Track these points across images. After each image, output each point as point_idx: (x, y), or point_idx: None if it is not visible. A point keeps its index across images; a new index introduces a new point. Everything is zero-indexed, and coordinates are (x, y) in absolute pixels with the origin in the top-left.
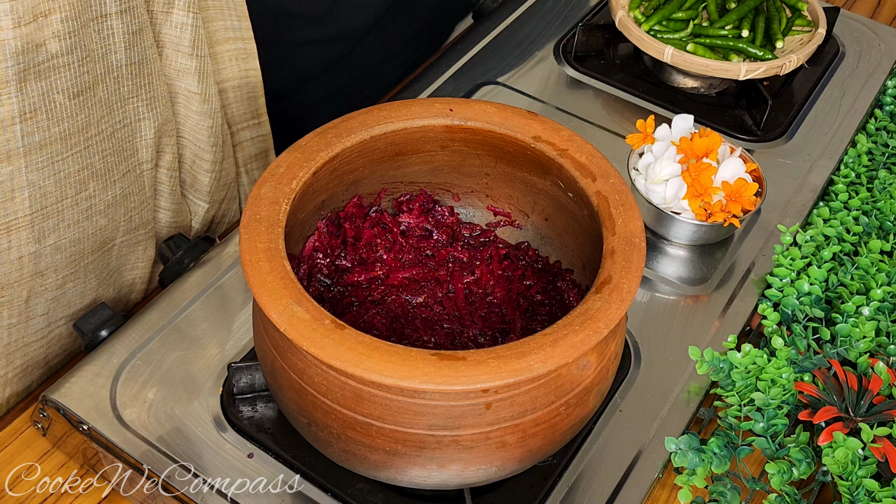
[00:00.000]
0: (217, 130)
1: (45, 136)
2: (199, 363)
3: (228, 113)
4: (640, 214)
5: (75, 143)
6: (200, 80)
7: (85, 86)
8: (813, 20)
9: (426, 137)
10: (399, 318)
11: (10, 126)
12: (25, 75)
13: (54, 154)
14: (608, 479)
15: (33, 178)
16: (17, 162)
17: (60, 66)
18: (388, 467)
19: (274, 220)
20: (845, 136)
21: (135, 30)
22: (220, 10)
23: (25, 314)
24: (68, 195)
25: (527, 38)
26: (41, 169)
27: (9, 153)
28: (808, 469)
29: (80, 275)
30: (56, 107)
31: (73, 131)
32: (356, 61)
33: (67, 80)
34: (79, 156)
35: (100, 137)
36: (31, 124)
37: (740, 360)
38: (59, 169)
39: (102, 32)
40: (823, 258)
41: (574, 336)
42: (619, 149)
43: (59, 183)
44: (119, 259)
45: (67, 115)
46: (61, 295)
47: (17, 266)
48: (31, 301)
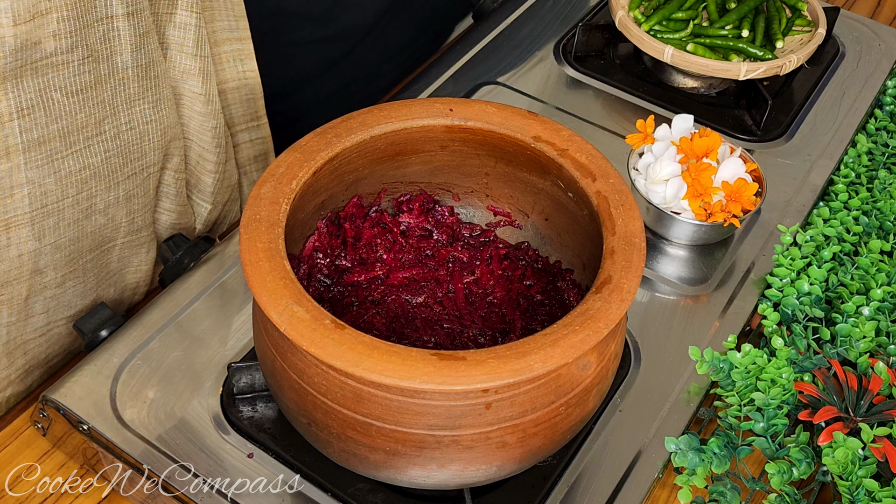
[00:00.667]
0: (220, 131)
1: (43, 132)
2: (199, 363)
3: (227, 115)
4: (640, 214)
5: (75, 141)
6: (204, 80)
7: (84, 85)
8: (813, 20)
9: (426, 137)
10: (399, 318)
11: (8, 122)
12: (22, 72)
13: (53, 152)
14: (608, 479)
15: (32, 176)
16: (16, 158)
17: (59, 65)
18: (388, 467)
19: (274, 220)
20: (845, 136)
21: (142, 32)
22: (219, 10)
23: (25, 312)
24: (69, 194)
25: (527, 38)
26: (41, 166)
27: (7, 149)
28: (808, 469)
29: (78, 274)
30: (53, 104)
31: (71, 129)
32: (356, 61)
33: (65, 77)
34: (79, 154)
35: (102, 138)
36: (28, 120)
37: (740, 360)
38: (58, 167)
39: (108, 34)
40: (823, 258)
41: (574, 336)
42: (619, 149)
43: (59, 181)
44: (121, 261)
45: (66, 113)
46: (61, 294)
47: (17, 264)
48: (31, 299)
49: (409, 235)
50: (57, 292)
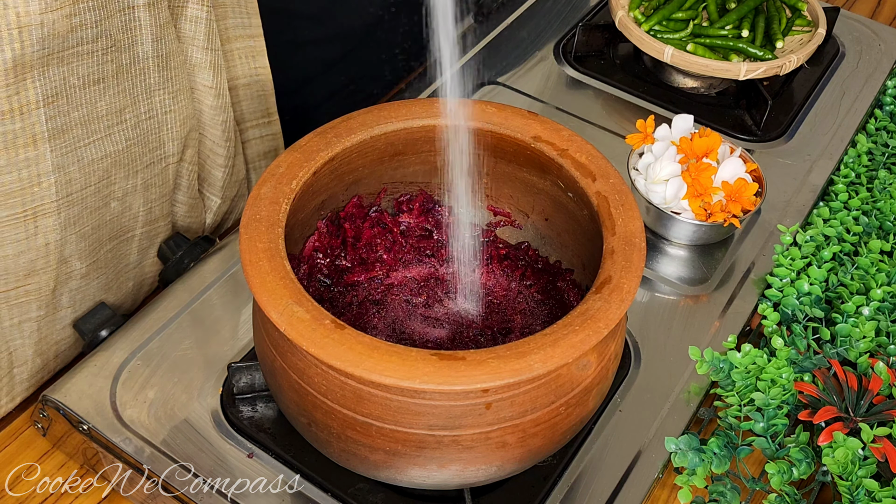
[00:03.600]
0: (230, 125)
1: (65, 120)
2: (199, 363)
3: (238, 111)
4: (640, 214)
5: (96, 129)
6: (215, 74)
7: (106, 74)
8: (813, 20)
9: (426, 137)
10: (399, 318)
11: (35, 110)
12: (48, 60)
13: (76, 139)
14: (608, 479)
15: (58, 163)
16: (42, 146)
17: (84, 54)
18: (388, 467)
19: (274, 220)
20: (845, 136)
21: (161, 23)
22: (232, 6)
23: (53, 305)
24: (91, 182)
25: (527, 38)
26: (65, 154)
27: (34, 137)
28: (808, 469)
29: (100, 264)
30: (76, 92)
31: (92, 118)
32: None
33: (89, 66)
34: (101, 143)
35: (123, 126)
36: (52, 108)
37: (740, 360)
38: (81, 155)
39: (129, 24)
40: (823, 258)
41: (574, 336)
42: (619, 149)
43: (82, 169)
44: (140, 252)
45: (87, 102)
46: (85, 286)
47: (44, 252)
48: (58, 290)
49: (409, 235)
50: (81, 283)
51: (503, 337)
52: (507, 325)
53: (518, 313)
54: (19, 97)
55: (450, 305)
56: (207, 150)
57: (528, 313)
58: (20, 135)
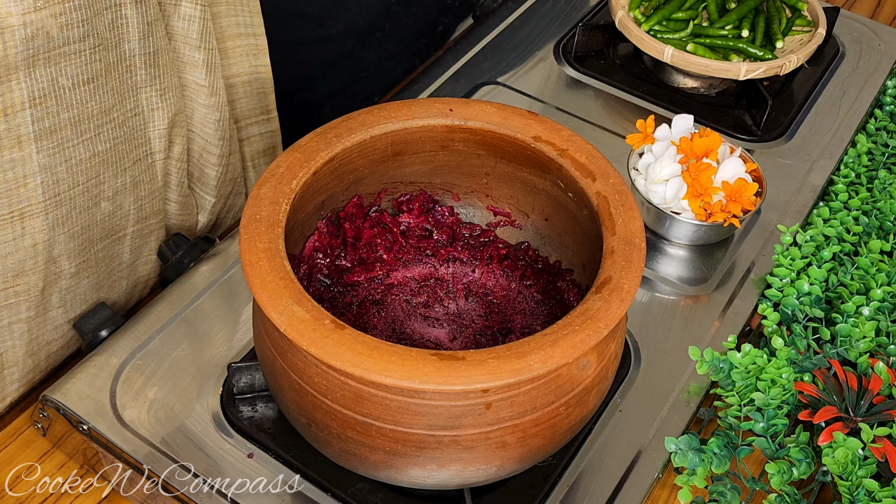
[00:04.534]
0: (224, 124)
1: (54, 121)
2: (199, 363)
3: (237, 108)
4: (640, 214)
5: (85, 129)
6: (208, 72)
7: (96, 73)
8: (813, 20)
9: (426, 137)
10: (399, 318)
11: (21, 111)
12: (34, 61)
13: (64, 140)
14: (608, 479)
15: (45, 164)
16: (28, 147)
17: (71, 54)
18: (388, 467)
19: (274, 220)
20: (845, 136)
21: (149, 21)
22: (233, 5)
23: (42, 306)
24: (79, 182)
25: (527, 38)
26: (52, 155)
27: (20, 139)
28: (808, 469)
29: (91, 264)
30: (65, 93)
31: (83, 118)
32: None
33: (78, 66)
34: (90, 142)
35: (111, 125)
36: (40, 110)
37: (740, 360)
38: (69, 155)
39: (116, 21)
40: (823, 258)
41: (574, 336)
42: (619, 149)
43: (70, 169)
44: (133, 251)
45: (77, 102)
46: (76, 285)
47: (32, 254)
48: (47, 291)
49: (409, 235)
50: (72, 283)
51: (503, 337)
52: (507, 325)
53: (518, 313)
54: (3, 98)
55: (450, 305)
56: (200, 148)
57: (528, 313)
58: (5, 136)
